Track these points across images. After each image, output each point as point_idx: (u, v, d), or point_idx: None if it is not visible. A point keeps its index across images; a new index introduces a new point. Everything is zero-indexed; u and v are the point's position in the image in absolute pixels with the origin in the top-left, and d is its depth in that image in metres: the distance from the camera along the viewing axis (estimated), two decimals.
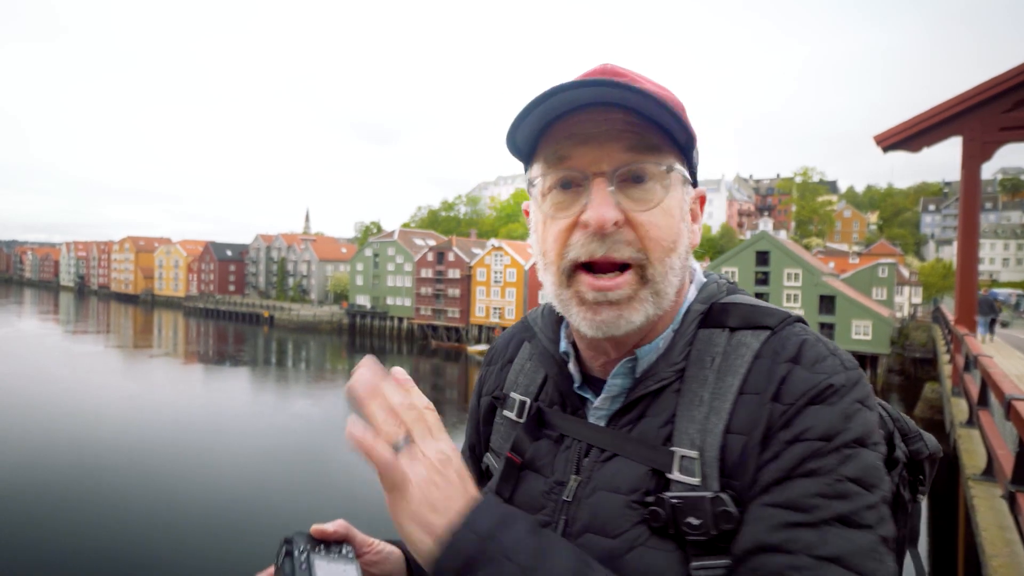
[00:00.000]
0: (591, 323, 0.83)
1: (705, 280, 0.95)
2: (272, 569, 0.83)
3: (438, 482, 0.69)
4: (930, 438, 0.98)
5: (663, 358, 0.86)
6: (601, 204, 0.80)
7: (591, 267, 0.83)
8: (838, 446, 0.72)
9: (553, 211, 0.85)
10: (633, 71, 0.86)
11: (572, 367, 0.94)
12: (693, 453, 0.77)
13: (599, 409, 0.90)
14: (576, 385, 0.93)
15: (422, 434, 0.71)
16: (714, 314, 0.88)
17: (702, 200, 0.94)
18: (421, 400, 0.75)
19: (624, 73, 0.85)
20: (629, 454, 0.83)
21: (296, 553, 0.79)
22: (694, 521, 0.74)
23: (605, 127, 0.80)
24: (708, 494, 0.74)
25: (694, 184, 0.90)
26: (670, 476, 0.78)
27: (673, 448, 0.79)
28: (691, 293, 0.93)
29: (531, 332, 1.03)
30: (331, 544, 0.83)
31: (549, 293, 0.90)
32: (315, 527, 0.83)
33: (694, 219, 0.92)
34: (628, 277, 0.82)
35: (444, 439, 0.73)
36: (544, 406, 0.96)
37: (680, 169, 0.84)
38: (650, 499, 0.78)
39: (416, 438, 0.70)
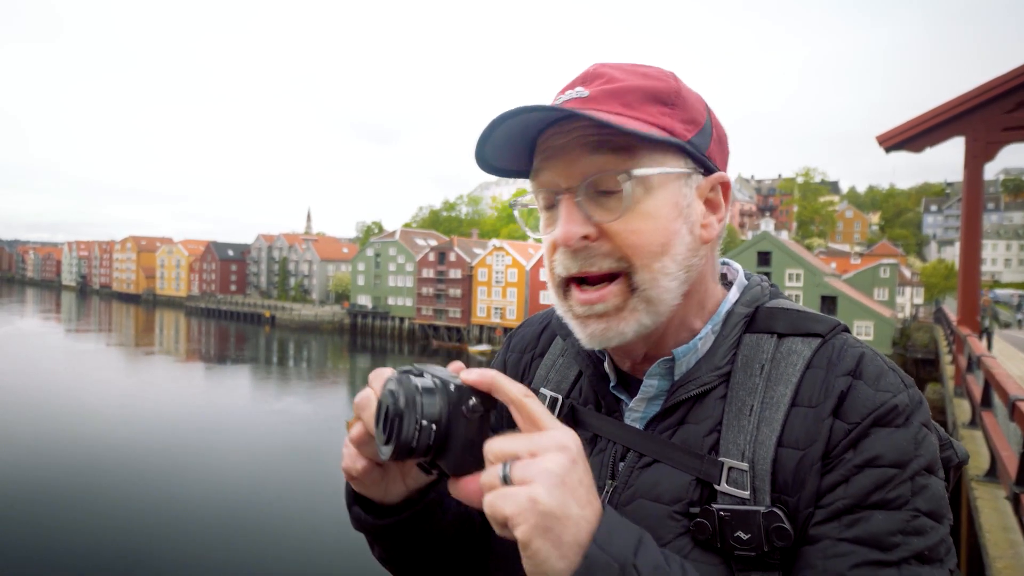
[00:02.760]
0: (584, 335, 0.83)
1: (747, 282, 0.92)
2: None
3: (565, 493, 0.63)
4: (960, 446, 0.96)
5: (705, 361, 0.84)
6: (566, 221, 0.79)
7: (583, 279, 0.82)
8: (911, 475, 0.71)
9: (543, 229, 0.86)
10: (618, 66, 0.84)
11: (607, 366, 0.91)
12: (743, 465, 0.75)
13: (634, 411, 0.87)
14: (612, 385, 0.90)
15: (526, 444, 0.65)
16: (760, 318, 0.85)
17: (724, 186, 0.86)
18: (515, 387, 0.69)
19: (603, 74, 0.82)
20: (672, 461, 0.80)
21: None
22: (743, 536, 0.72)
23: (570, 137, 0.79)
24: (761, 509, 0.72)
25: (707, 170, 0.84)
26: (717, 488, 0.75)
27: (721, 459, 0.76)
28: (732, 294, 0.89)
29: (565, 328, 0.96)
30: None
31: (553, 305, 0.90)
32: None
33: (714, 209, 0.86)
34: (614, 288, 0.80)
35: (554, 427, 0.67)
36: (578, 404, 0.93)
37: (655, 169, 0.78)
38: (695, 510, 0.75)
39: (522, 449, 0.65)
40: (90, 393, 34.08)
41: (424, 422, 0.68)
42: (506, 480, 0.64)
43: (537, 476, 0.63)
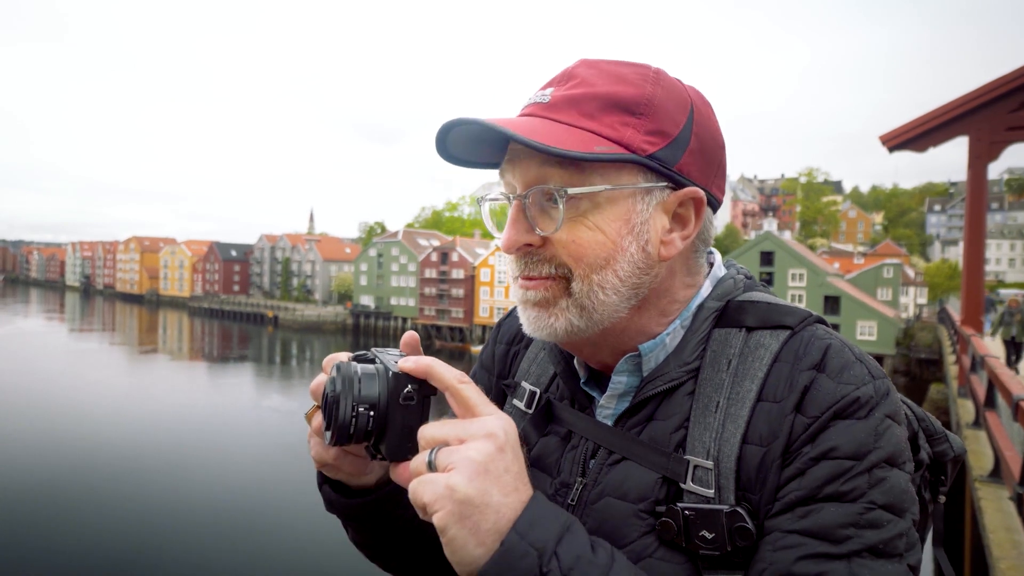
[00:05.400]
0: (524, 322, 0.83)
1: (722, 275, 0.90)
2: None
3: (486, 481, 0.64)
4: (955, 439, 0.94)
5: (673, 357, 0.82)
6: (510, 227, 0.80)
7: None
8: (869, 467, 0.69)
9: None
10: (598, 64, 0.82)
11: (577, 363, 0.90)
12: (708, 463, 0.74)
13: (605, 407, 0.86)
14: (582, 381, 0.90)
15: (456, 430, 0.67)
16: (730, 312, 0.84)
17: (697, 201, 0.82)
18: (450, 374, 0.70)
19: (576, 75, 0.80)
20: (639, 459, 0.79)
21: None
22: (707, 535, 0.71)
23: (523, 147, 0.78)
24: (724, 508, 0.71)
25: (677, 184, 0.80)
26: (683, 486, 0.75)
27: (687, 456, 0.75)
28: (705, 288, 0.88)
29: None
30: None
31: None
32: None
33: (683, 224, 0.82)
34: (548, 281, 0.80)
35: (488, 413, 0.68)
36: (555, 399, 0.92)
37: (598, 187, 0.77)
38: (661, 509, 0.75)
39: (451, 435, 0.66)
40: (92, 392, 34.14)
41: (361, 408, 0.69)
42: (431, 466, 0.65)
43: (459, 463, 0.63)
